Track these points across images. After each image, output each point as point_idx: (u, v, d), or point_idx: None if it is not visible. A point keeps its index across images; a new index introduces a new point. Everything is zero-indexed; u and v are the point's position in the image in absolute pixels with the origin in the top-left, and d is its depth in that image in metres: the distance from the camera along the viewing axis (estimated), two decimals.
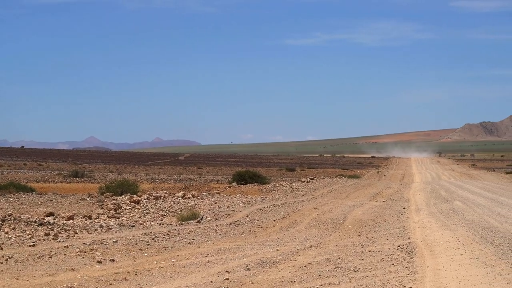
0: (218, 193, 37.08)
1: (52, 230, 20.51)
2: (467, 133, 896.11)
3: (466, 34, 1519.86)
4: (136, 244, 18.63)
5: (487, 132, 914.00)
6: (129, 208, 27.68)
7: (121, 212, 26.67)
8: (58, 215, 24.99)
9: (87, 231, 20.77)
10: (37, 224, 21.69)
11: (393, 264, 15.81)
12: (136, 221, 23.76)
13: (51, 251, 16.70)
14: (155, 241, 19.23)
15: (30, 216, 24.15)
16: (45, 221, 22.61)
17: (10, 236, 18.88)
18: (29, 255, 16.15)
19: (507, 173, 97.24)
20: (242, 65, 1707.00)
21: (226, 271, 14.94)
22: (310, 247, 18.88)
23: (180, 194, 34.04)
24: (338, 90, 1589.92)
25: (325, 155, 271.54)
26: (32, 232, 19.97)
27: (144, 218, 24.91)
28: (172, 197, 32.83)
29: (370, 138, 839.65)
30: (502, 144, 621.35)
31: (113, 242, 18.63)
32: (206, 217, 25.47)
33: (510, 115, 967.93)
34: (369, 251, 17.92)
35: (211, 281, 13.94)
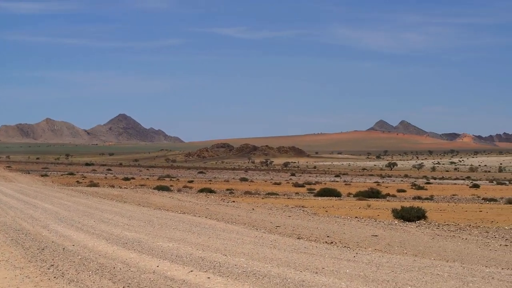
0: None
1: None
2: (3, 134, 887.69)
3: (5, 35, 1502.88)
4: None
5: (23, 134, 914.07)
6: None
7: None
8: None
9: None
10: None
11: None
12: None
13: None
14: None
15: None
16: None
17: None
18: None
19: (42, 175, 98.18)
20: None
21: None
22: None
23: None
24: None
25: None
26: None
27: None
28: None
29: None
30: (38, 146, 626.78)
31: None
32: None
33: (46, 118, 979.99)
34: None
35: None
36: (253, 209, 35.42)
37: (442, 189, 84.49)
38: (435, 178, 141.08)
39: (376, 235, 23.14)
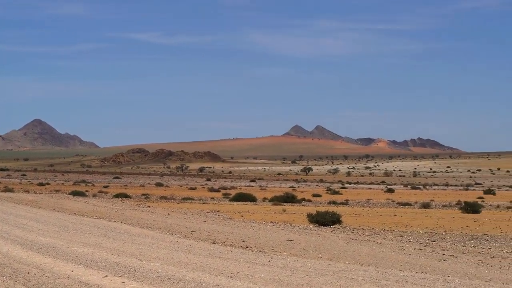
0: None
1: None
2: None
3: None
4: None
5: None
6: None
7: None
8: None
9: None
10: None
11: None
12: None
13: None
14: None
15: None
16: None
17: None
18: None
19: None
20: None
21: None
22: None
23: None
24: None
25: None
26: None
27: None
28: None
29: None
30: None
31: None
32: None
33: None
34: None
35: None
36: (168, 214, 35.33)
37: (357, 193, 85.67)
38: (350, 183, 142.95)
39: (291, 240, 23.34)
